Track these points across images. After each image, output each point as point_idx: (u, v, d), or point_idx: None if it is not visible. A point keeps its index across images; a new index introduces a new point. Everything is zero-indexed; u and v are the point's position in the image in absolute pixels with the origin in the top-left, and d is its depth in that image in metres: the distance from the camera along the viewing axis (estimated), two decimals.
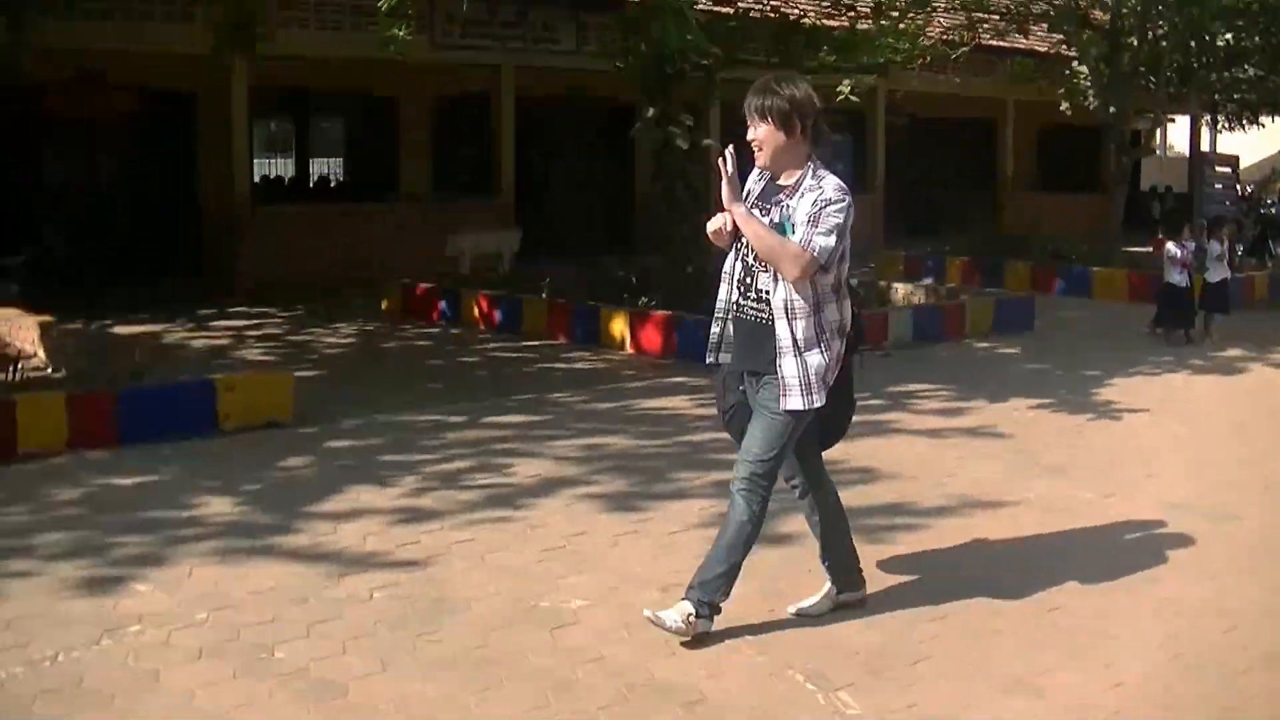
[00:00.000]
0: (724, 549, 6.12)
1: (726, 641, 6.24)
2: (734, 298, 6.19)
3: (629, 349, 15.51)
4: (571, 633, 6.44)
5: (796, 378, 5.91)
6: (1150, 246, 25.78)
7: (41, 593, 7.02)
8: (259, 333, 16.97)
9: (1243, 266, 23.26)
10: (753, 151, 6.13)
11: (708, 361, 6.36)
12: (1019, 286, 22.26)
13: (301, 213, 22.67)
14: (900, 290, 19.26)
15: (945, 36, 25.63)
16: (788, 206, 5.96)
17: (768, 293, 6.02)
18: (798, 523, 7.23)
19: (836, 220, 5.87)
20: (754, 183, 6.20)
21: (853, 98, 22.31)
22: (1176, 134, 46.11)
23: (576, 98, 25.57)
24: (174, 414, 10.63)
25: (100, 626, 6.53)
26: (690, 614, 6.07)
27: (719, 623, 6.22)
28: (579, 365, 14.81)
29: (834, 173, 6.07)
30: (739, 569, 6.19)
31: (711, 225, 6.16)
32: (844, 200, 5.92)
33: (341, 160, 29.08)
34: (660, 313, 15.60)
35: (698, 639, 6.10)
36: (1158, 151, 45.32)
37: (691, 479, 9.35)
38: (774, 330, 5.97)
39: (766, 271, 6.00)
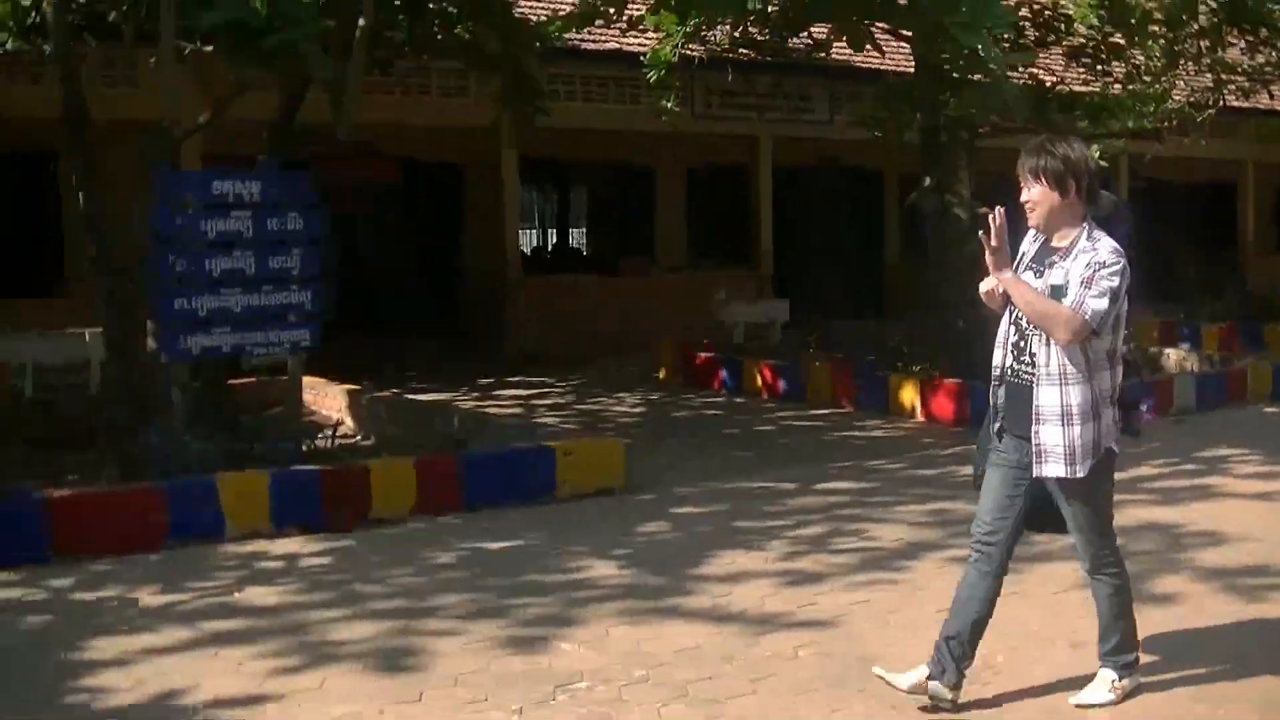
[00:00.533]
0: (1111, 618, 6.29)
1: None
2: (1008, 362, 6.11)
3: (920, 416, 15.47)
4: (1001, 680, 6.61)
5: (1061, 445, 5.84)
6: None
7: (471, 652, 7.22)
8: (546, 402, 17.23)
9: None
10: (1025, 214, 6.08)
11: (993, 429, 6.24)
12: None
13: (566, 282, 22.98)
14: (1172, 356, 18.96)
15: (1192, 99, 25.24)
16: (1062, 269, 5.86)
17: (1038, 356, 5.94)
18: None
19: (1111, 284, 5.74)
20: (1028, 244, 6.13)
21: (1102, 163, 22.25)
22: None
23: (826, 166, 25.68)
24: (514, 480, 10.85)
25: (549, 682, 6.71)
26: (1114, 679, 6.27)
27: None
28: (877, 433, 14.80)
29: (1117, 236, 5.99)
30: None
31: (984, 286, 6.17)
32: (1119, 263, 5.79)
33: (590, 229, 29.48)
34: (951, 381, 15.54)
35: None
36: None
37: (1048, 541, 9.25)
38: (1040, 395, 5.90)
39: (1038, 335, 5.92)
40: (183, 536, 9.60)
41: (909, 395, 15.83)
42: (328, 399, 15.23)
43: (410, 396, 15.95)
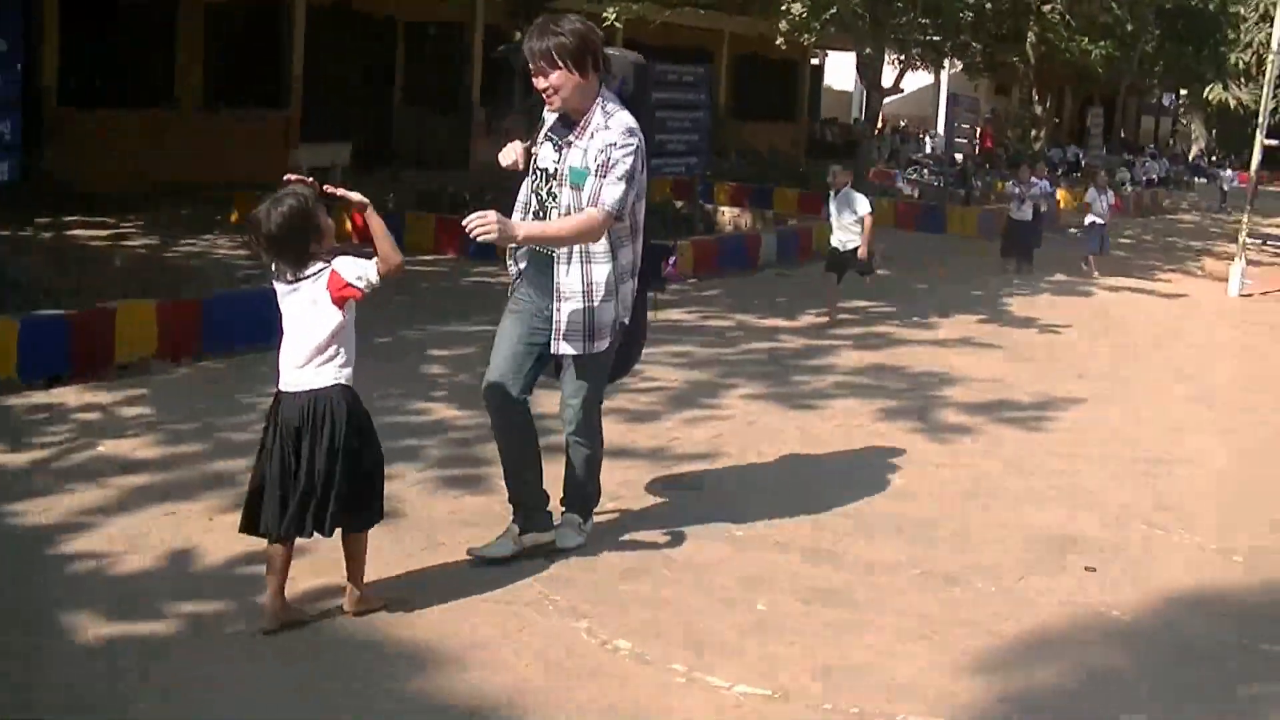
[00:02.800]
0: (585, 477, 6.45)
1: None
2: None
3: None
4: None
5: (581, 324, 5.84)
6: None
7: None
8: (142, 242, 16.21)
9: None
10: (545, 99, 5.83)
11: (510, 294, 6.16)
12: (786, 209, 23.22)
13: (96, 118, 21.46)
14: (726, 214, 19.99)
15: None
16: (579, 148, 5.72)
17: None
18: None
19: (626, 166, 5.64)
20: (549, 114, 5.92)
21: (618, 24, 23.08)
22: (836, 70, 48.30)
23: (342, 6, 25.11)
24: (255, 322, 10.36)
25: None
26: (580, 522, 6.48)
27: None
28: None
29: (641, 99, 6.01)
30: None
31: (504, 159, 6.05)
32: (632, 142, 5.67)
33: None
34: None
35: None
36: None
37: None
38: (561, 273, 5.82)
39: (558, 209, 5.80)
40: None
41: None
42: None
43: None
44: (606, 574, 6.09)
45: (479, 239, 5.41)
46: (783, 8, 28.32)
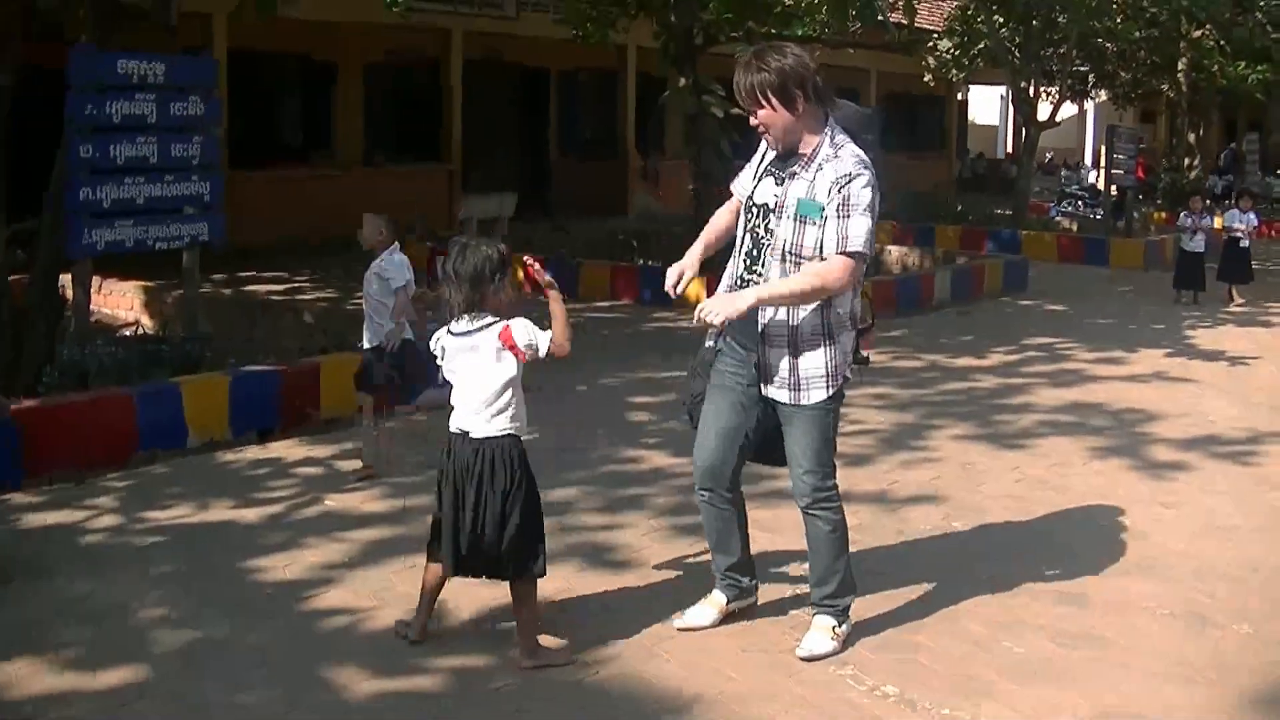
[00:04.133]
0: (830, 559, 5.73)
1: None
2: (739, 271, 5.51)
3: None
4: None
5: (788, 370, 5.40)
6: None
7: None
8: (328, 294, 16.48)
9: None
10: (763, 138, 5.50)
11: (709, 345, 5.70)
12: (947, 246, 23.03)
13: (275, 177, 21.85)
14: (894, 253, 19.86)
15: None
16: (804, 180, 5.28)
17: (769, 276, 5.36)
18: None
19: (866, 198, 5.21)
20: (765, 149, 5.54)
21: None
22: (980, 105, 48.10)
23: (493, 61, 25.40)
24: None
25: None
26: (834, 625, 5.74)
27: None
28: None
29: (862, 143, 5.42)
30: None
31: (670, 281, 5.59)
32: (866, 174, 5.24)
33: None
34: None
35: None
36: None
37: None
38: (766, 314, 5.36)
39: (772, 247, 5.37)
40: (149, 447, 8.85)
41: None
42: (116, 297, 14.15)
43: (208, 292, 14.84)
44: (854, 618, 5.99)
45: (710, 325, 5.27)
46: (929, 44, 28.33)
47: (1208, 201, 22.50)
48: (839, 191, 5.20)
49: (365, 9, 19.61)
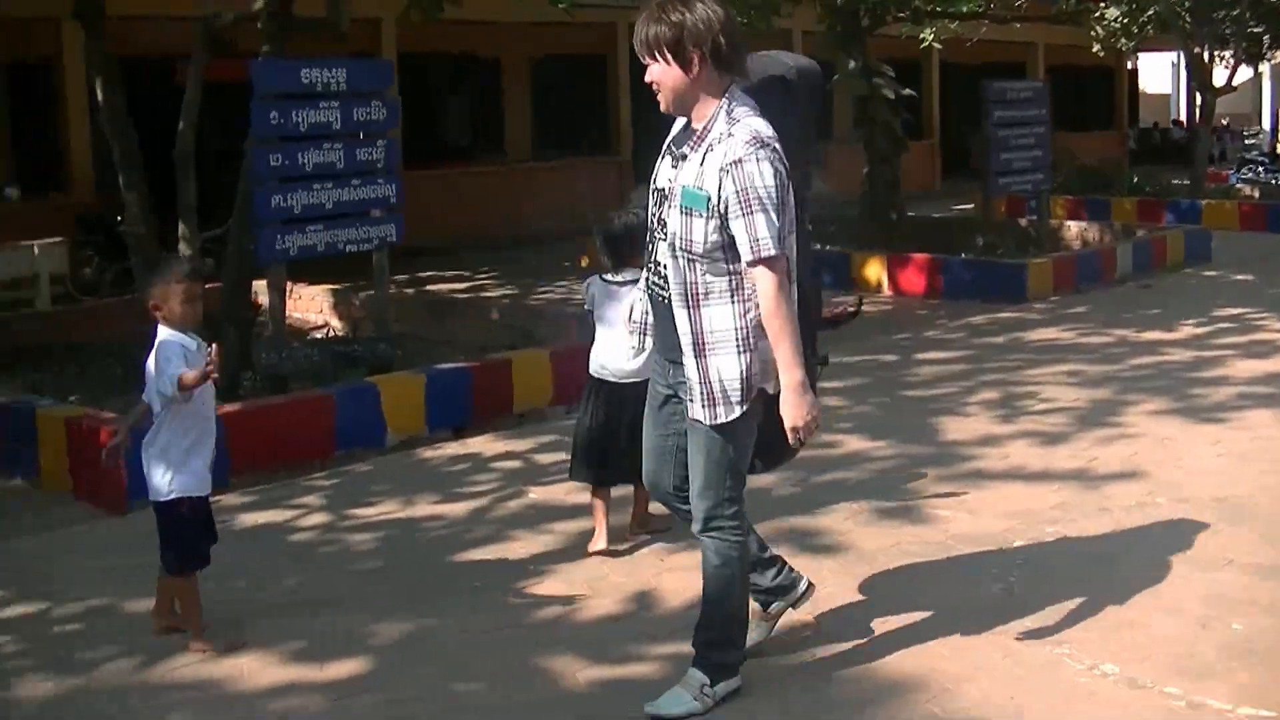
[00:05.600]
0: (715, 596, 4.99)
1: None
2: (648, 276, 4.98)
3: (887, 291, 15.64)
4: None
5: (698, 383, 4.66)
6: None
7: None
8: (508, 290, 16.65)
9: None
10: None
11: (633, 347, 5.22)
12: (1123, 219, 22.59)
13: (445, 175, 22.20)
14: (1073, 228, 19.57)
15: None
16: (694, 163, 4.60)
17: (665, 268, 4.72)
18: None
19: (761, 187, 4.47)
20: (677, 127, 4.87)
21: (936, 44, 22.83)
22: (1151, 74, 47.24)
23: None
24: None
25: None
26: (703, 683, 4.99)
27: None
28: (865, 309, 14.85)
29: (794, 108, 4.85)
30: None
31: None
32: (757, 153, 4.49)
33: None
34: (920, 255, 15.82)
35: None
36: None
37: None
38: (677, 319, 4.70)
39: (665, 239, 4.69)
40: (349, 447, 9.02)
41: (875, 271, 15.99)
42: (305, 301, 14.44)
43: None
44: (1066, 596, 5.92)
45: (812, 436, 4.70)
46: (1096, 14, 27.77)
47: None
48: (730, 181, 4.46)
49: (530, 7, 19.81)
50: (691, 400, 4.68)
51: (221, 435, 8.10)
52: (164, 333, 5.68)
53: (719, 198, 4.47)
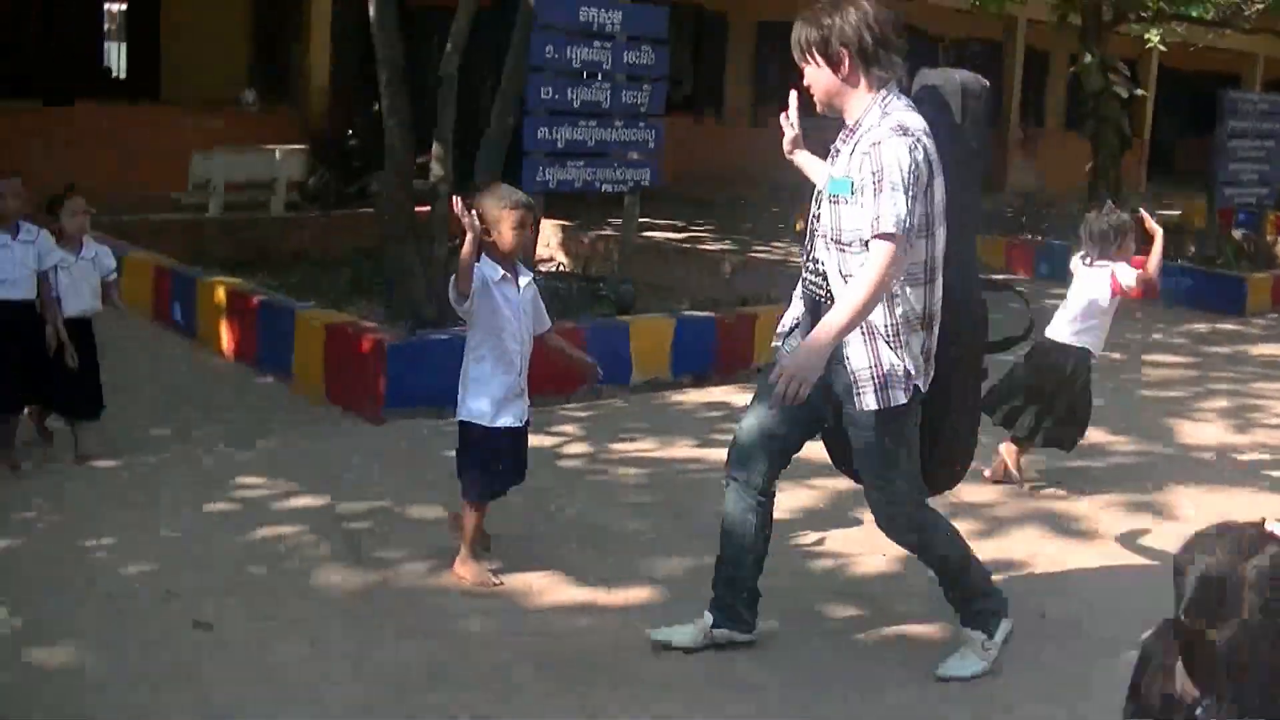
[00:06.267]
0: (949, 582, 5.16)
1: None
2: (804, 273, 4.94)
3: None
4: None
5: (852, 370, 4.66)
6: None
7: None
8: (734, 237, 16.83)
9: None
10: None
11: (773, 346, 5.15)
12: None
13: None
14: None
15: None
16: (844, 153, 4.63)
17: (824, 264, 4.71)
18: None
19: (898, 168, 4.42)
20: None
21: (1161, 47, 22.51)
22: None
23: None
24: None
25: None
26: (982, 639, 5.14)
27: None
28: None
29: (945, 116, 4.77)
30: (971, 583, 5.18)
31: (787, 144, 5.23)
32: (902, 139, 4.46)
33: None
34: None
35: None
36: None
37: None
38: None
39: (824, 238, 4.69)
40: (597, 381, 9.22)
41: None
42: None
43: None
44: None
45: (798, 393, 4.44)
46: None
47: None
48: (868, 161, 4.46)
49: None
50: (861, 392, 4.64)
51: None
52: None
53: (859, 181, 4.49)
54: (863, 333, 4.57)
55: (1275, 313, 14.97)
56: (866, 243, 4.46)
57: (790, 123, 5.13)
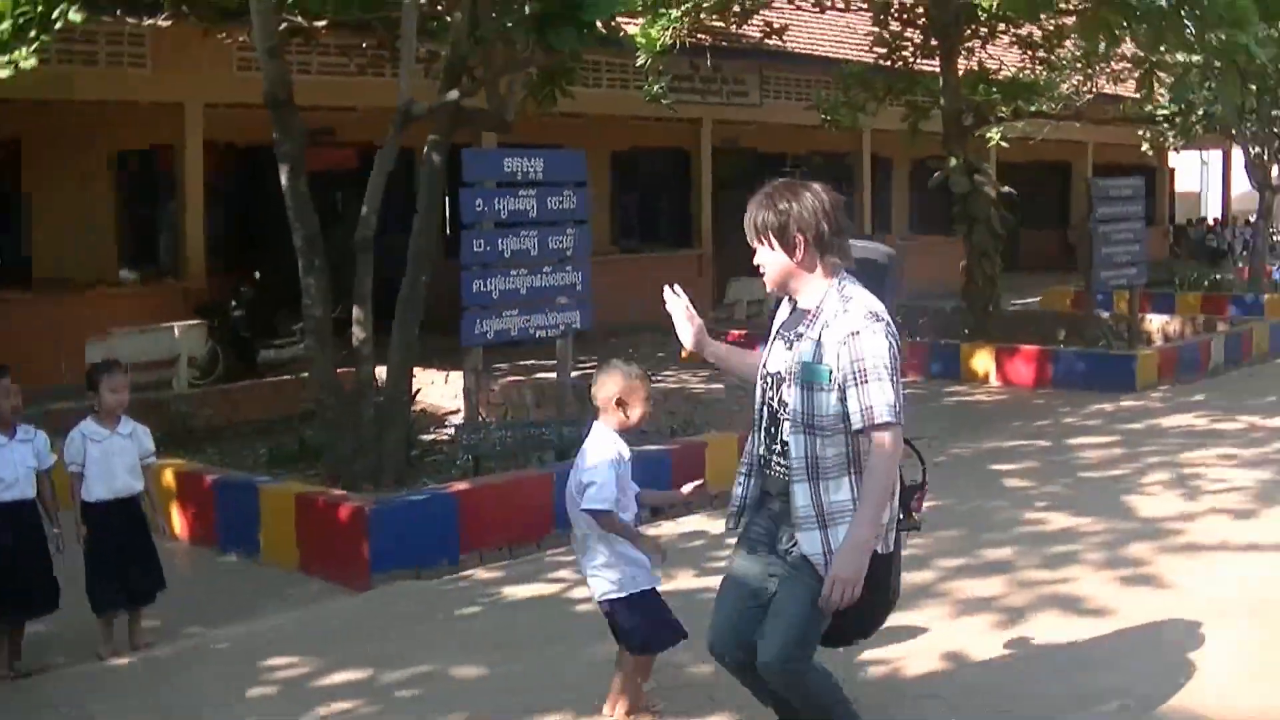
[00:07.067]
0: None
1: None
2: (758, 450, 5.06)
3: (996, 381, 16.11)
4: None
5: (820, 553, 4.75)
6: None
7: None
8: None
9: None
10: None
11: (728, 527, 5.25)
12: (1187, 313, 23.00)
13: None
14: (1153, 321, 20.07)
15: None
16: (811, 340, 4.77)
17: (791, 448, 4.82)
18: None
19: (877, 358, 4.65)
20: (784, 307, 5.06)
21: (1003, 143, 23.40)
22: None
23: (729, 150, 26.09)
24: None
25: None
26: None
27: None
28: (981, 398, 15.35)
29: (884, 289, 5.03)
30: None
31: (683, 336, 5.30)
32: (875, 326, 4.69)
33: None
34: (1028, 347, 16.35)
35: None
36: None
37: None
38: (796, 495, 4.80)
39: (787, 418, 4.83)
40: (565, 526, 9.32)
41: (982, 363, 16.52)
42: (434, 387, 14.72)
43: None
44: None
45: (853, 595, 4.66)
46: (1148, 110, 28.10)
47: None
48: (847, 351, 4.67)
49: (618, 101, 20.43)
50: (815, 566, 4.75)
51: (455, 510, 8.61)
52: (607, 434, 5.70)
53: (838, 369, 4.66)
54: (821, 518, 4.77)
55: (1164, 384, 15.53)
56: (856, 431, 4.69)
57: (684, 302, 5.26)
